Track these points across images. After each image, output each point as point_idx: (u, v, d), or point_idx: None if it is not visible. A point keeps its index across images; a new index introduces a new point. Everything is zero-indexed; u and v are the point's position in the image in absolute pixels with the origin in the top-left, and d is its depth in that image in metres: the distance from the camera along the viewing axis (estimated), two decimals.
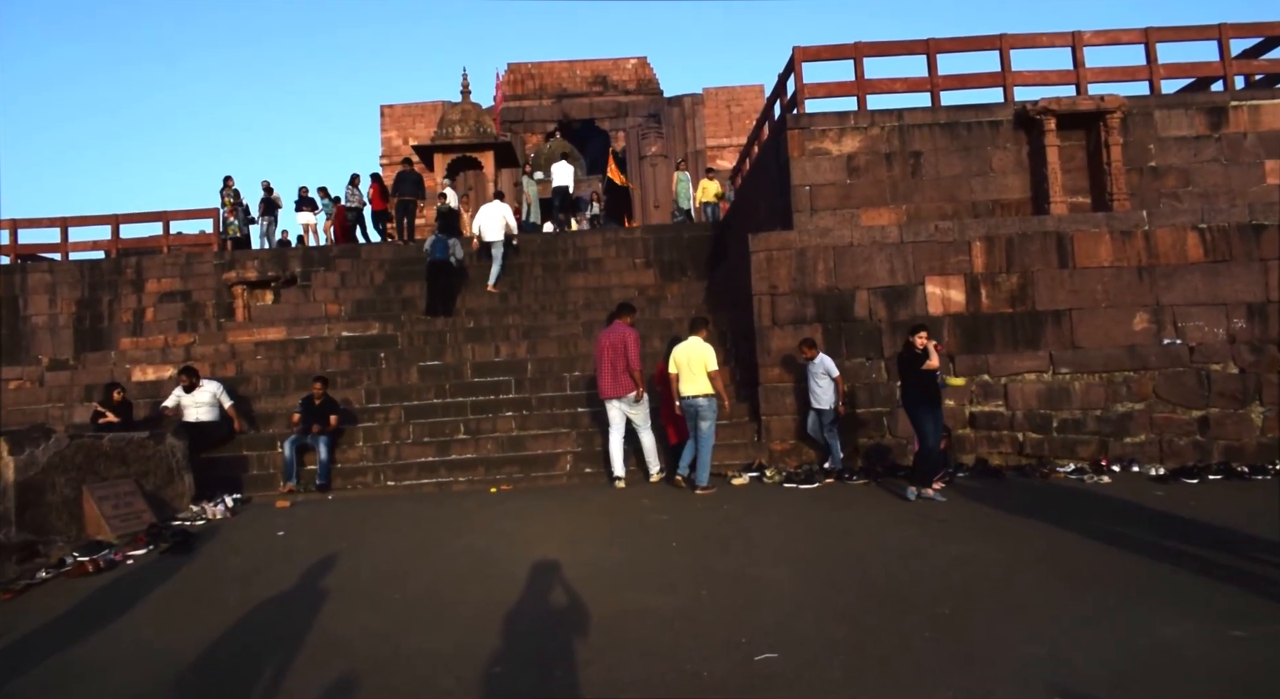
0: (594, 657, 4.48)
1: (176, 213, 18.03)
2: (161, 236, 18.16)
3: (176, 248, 17.75)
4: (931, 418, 8.15)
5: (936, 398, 8.28)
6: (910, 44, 12.20)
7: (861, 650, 4.43)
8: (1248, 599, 4.92)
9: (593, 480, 9.78)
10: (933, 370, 8.19)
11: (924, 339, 8.19)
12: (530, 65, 31.98)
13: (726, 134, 31.03)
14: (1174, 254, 10.22)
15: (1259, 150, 11.54)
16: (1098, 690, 3.85)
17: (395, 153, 30.97)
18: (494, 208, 14.71)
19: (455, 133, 18.72)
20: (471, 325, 13.05)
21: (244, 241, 18.64)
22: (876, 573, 5.76)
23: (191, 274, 16.32)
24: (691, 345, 8.91)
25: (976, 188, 11.72)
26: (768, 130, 14.16)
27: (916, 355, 8.18)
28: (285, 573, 6.35)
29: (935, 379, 8.29)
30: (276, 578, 6.24)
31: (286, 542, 7.41)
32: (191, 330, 15.00)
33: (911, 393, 8.32)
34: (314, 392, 10.28)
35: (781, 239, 10.68)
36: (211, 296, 15.97)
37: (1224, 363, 9.77)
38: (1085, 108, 11.35)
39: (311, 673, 4.45)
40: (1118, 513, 7.25)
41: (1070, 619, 4.75)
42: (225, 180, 18.49)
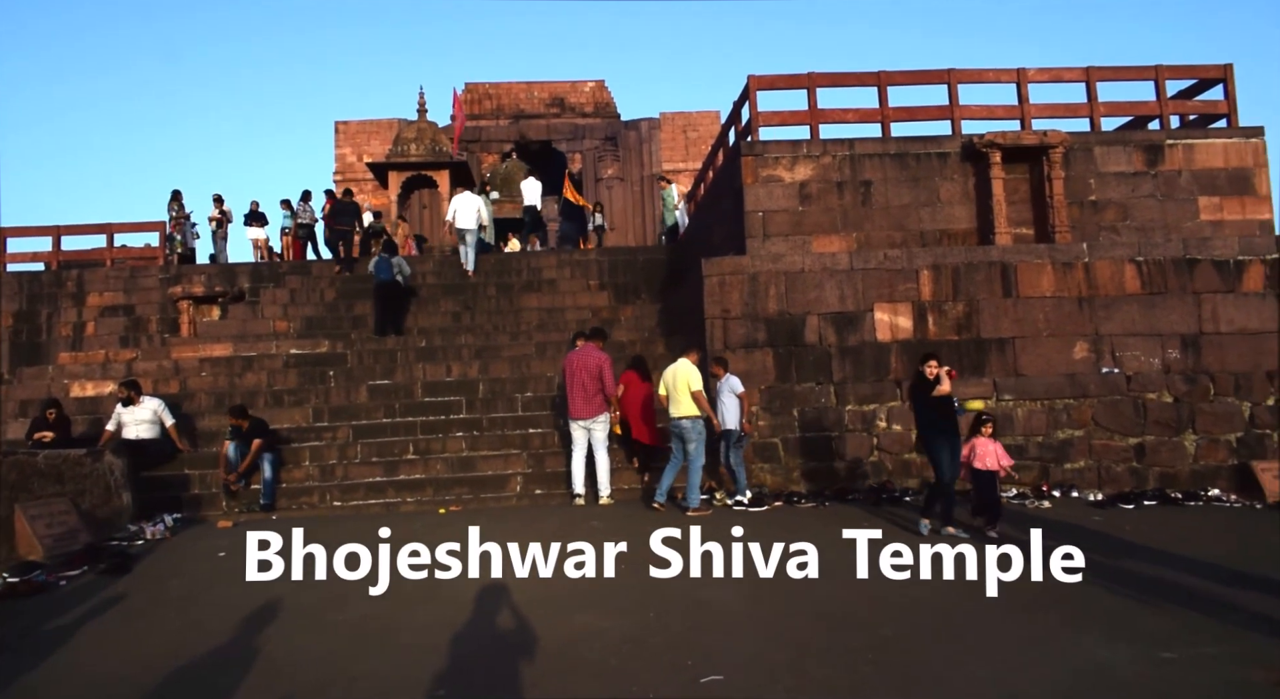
0: (540, 679, 4.47)
1: (121, 225, 17.63)
2: (105, 249, 17.75)
3: (120, 261, 17.36)
4: (948, 448, 7.78)
5: (953, 427, 7.90)
6: (862, 76, 12.47)
7: (806, 673, 4.47)
8: (1180, 621, 5.08)
9: (543, 501, 9.74)
10: (948, 397, 7.85)
11: (935, 367, 7.82)
12: (488, 85, 32.01)
13: (682, 158, 31.30)
14: (1112, 286, 10.54)
15: (1193, 187, 11.96)
16: None
17: (349, 169, 30.72)
18: (469, 198, 15.35)
19: (411, 151, 18.65)
20: (423, 344, 12.96)
21: (191, 256, 18.31)
22: (822, 596, 5.82)
23: (135, 288, 15.97)
24: (680, 367, 8.96)
25: (925, 217, 11.98)
26: (722, 156, 14.35)
27: (928, 383, 7.81)
28: (227, 595, 6.23)
29: (951, 406, 7.93)
30: (218, 600, 6.12)
31: (229, 563, 7.25)
32: (134, 346, 14.67)
33: (926, 422, 7.97)
34: (236, 425, 9.84)
35: (735, 264, 10.81)
36: (156, 311, 15.63)
37: (1159, 392, 10.09)
38: (1029, 142, 11.69)
39: (254, 698, 4.37)
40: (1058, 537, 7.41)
41: (1011, 641, 4.86)
42: (174, 193, 18.17)
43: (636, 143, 31.76)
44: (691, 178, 21.43)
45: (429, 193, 23.32)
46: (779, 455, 10.13)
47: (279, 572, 6.79)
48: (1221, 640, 4.74)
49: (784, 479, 9.97)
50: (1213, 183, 11.93)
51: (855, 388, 10.29)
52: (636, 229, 29.90)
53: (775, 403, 10.28)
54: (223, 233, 19.06)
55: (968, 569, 5.86)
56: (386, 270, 13.22)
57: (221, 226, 19.04)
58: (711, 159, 15.87)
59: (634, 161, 31.56)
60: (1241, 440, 9.90)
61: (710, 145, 19.82)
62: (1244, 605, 5.33)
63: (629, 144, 31.64)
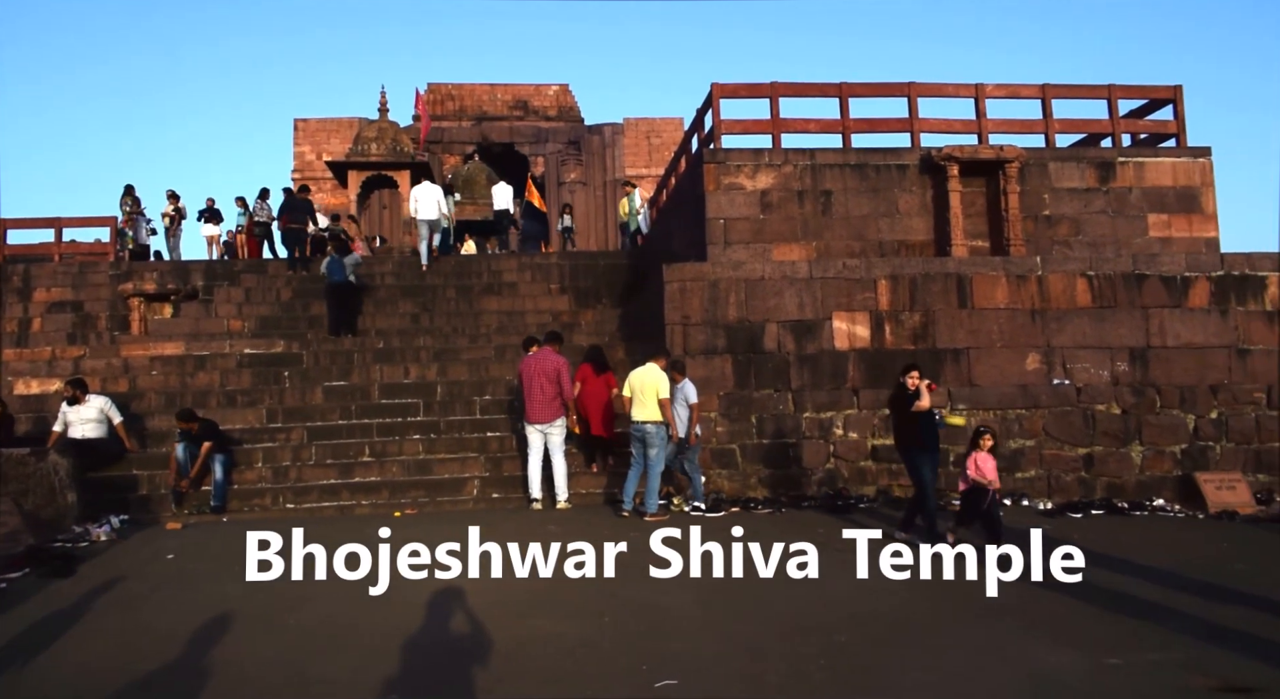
0: (494, 684, 4.45)
1: (70, 220, 17.26)
2: (53, 244, 17.35)
3: (69, 256, 16.98)
4: (929, 463, 7.71)
5: (933, 441, 7.81)
6: (824, 86, 12.62)
7: (760, 678, 4.50)
8: (1125, 627, 5.19)
9: (500, 505, 9.70)
10: (930, 411, 7.75)
11: (915, 379, 7.69)
12: (450, 86, 31.82)
13: (645, 164, 31.36)
14: (1064, 299, 10.76)
15: (1143, 204, 12.27)
16: None
17: (308, 168, 30.34)
18: (430, 188, 15.57)
19: (371, 150, 18.48)
20: (381, 346, 12.84)
21: (144, 253, 17.95)
22: (777, 601, 5.86)
23: (85, 284, 15.62)
24: (648, 372, 8.96)
25: (884, 228, 12.14)
26: (685, 163, 14.42)
27: (909, 396, 7.68)
28: (176, 598, 6.12)
29: (933, 420, 7.83)
30: (167, 603, 6.01)
31: (177, 565, 7.13)
32: (82, 343, 14.34)
33: (906, 436, 7.85)
34: (186, 428, 9.66)
35: (695, 270, 10.86)
36: (105, 308, 15.29)
37: (1108, 403, 10.31)
38: (986, 156, 11.91)
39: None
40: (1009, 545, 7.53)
41: (962, 648, 4.93)
42: (126, 188, 17.81)
43: (600, 147, 31.77)
44: (654, 184, 21.49)
45: (389, 193, 23.12)
46: (737, 461, 10.19)
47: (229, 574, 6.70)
48: (1165, 647, 4.85)
49: (741, 485, 10.03)
50: (1162, 200, 12.26)
51: (813, 395, 10.38)
52: (599, 234, 29.90)
53: (734, 409, 10.34)
54: (176, 229, 18.72)
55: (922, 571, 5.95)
56: (339, 271, 13.06)
57: (175, 223, 18.71)
58: (674, 165, 15.95)
59: (597, 166, 31.57)
60: (1186, 452, 10.16)
61: (673, 151, 19.90)
62: (1186, 612, 5.47)
63: (592, 149, 31.65)
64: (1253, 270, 10.88)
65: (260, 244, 18.50)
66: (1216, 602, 5.73)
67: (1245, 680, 4.30)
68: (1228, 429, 10.22)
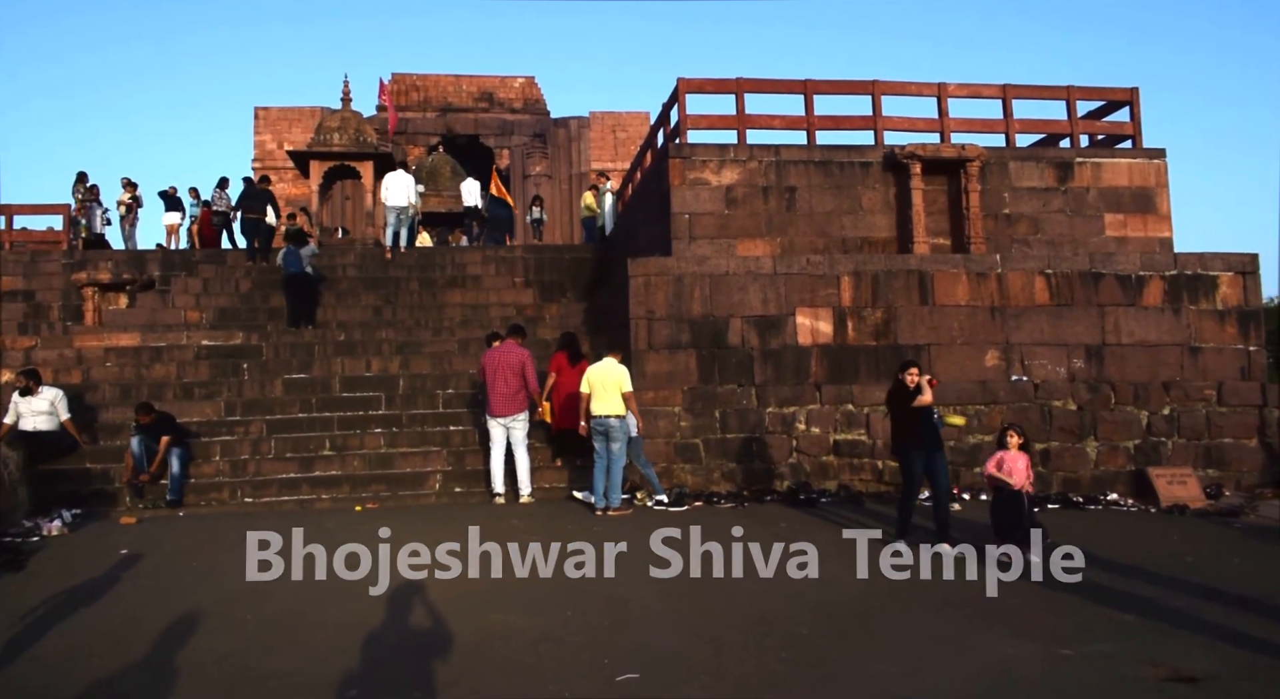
0: (456, 678, 4.42)
1: (21, 207, 16.90)
2: (3, 232, 16.95)
3: (21, 244, 16.59)
4: (938, 460, 7.36)
5: (935, 440, 7.45)
6: (789, 83, 12.67)
7: (722, 671, 4.52)
8: (1079, 618, 5.29)
9: (463, 500, 9.64)
10: (928, 408, 7.37)
11: (915, 375, 7.34)
12: (415, 77, 31.50)
13: (611, 158, 31.31)
14: (1023, 297, 10.92)
15: (1100, 204, 12.48)
16: None
17: (269, 157, 29.92)
18: (401, 176, 15.94)
19: (334, 140, 18.21)
20: (342, 338, 12.69)
21: (99, 242, 17.57)
22: (740, 595, 5.89)
23: (36, 273, 15.26)
24: (607, 366, 8.95)
25: (847, 224, 12.22)
26: (650, 158, 14.40)
27: (908, 392, 7.31)
28: (129, 593, 6.01)
29: (932, 418, 7.44)
30: (119, 598, 5.90)
31: (131, 560, 7.00)
32: (34, 333, 14.01)
33: (905, 435, 7.43)
34: (141, 422, 9.48)
35: (660, 265, 10.87)
36: (58, 298, 14.96)
37: (1064, 399, 10.49)
38: (948, 155, 12.03)
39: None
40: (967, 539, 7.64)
41: (919, 640, 4.99)
42: (79, 175, 17.42)
43: (565, 141, 31.66)
44: (620, 178, 21.45)
45: (352, 184, 22.84)
46: (700, 456, 10.22)
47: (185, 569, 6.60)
48: (1116, 637, 4.95)
49: (704, 479, 10.07)
50: (1118, 200, 12.47)
51: (776, 390, 10.44)
52: (564, 227, 29.80)
53: (698, 404, 10.37)
54: (132, 218, 18.34)
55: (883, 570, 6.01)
56: (295, 262, 12.89)
57: (131, 212, 18.33)
58: (640, 160, 15.92)
59: (562, 159, 31.46)
60: (1139, 447, 10.36)
61: (639, 146, 19.89)
62: (1138, 604, 5.58)
63: (558, 142, 31.52)
64: (1205, 270, 11.13)
65: (218, 234, 18.19)
66: (1167, 593, 5.86)
67: (1194, 670, 4.40)
68: (1179, 425, 10.44)
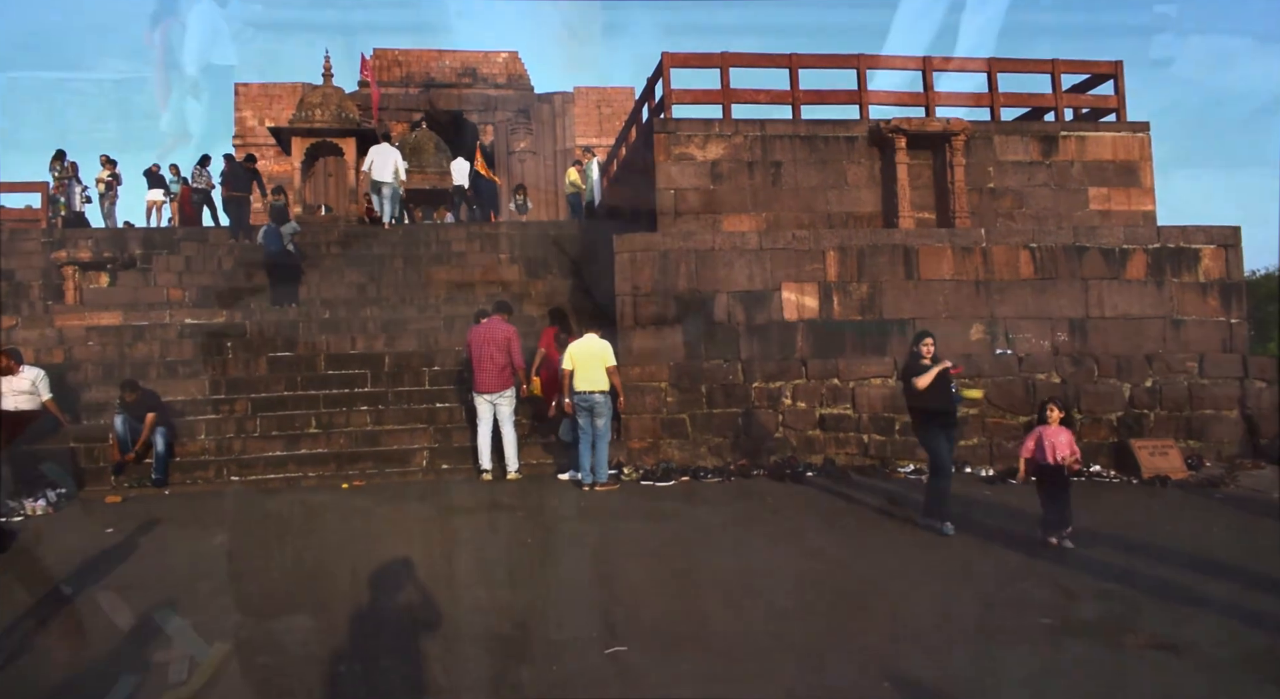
0: (441, 653, 4.44)
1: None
2: None
3: None
4: (945, 436, 7.15)
5: (954, 413, 7.25)
6: (774, 57, 12.59)
7: (709, 643, 4.56)
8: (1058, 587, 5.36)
9: (449, 476, 9.64)
10: (945, 379, 7.07)
11: (930, 346, 7.15)
12: (397, 52, 31.13)
13: (596, 134, 31.08)
14: (1008, 270, 10.95)
15: (1084, 178, 12.49)
16: (944, 685, 4.11)
17: (250, 133, 29.55)
18: (387, 149, 15.93)
19: (316, 116, 18.02)
20: (327, 316, 12.62)
21: (78, 220, 17.36)
22: (726, 567, 5.93)
23: (15, 252, 15.07)
24: (589, 342, 8.94)
25: (832, 199, 12.20)
26: (636, 133, 14.32)
27: (923, 367, 7.09)
28: (115, 573, 5.99)
29: (949, 389, 7.12)
30: (105, 578, 5.88)
31: (116, 540, 6.98)
32: (14, 313, 13.85)
33: (928, 408, 7.16)
34: (126, 399, 9.44)
35: (646, 241, 10.83)
36: (38, 277, 14.78)
37: (1048, 373, 10.54)
38: (933, 129, 12.01)
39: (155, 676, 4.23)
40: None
41: (910, 611, 5.04)
42: (57, 153, 17.18)
43: (550, 116, 31.41)
44: (605, 154, 21.33)
45: (335, 160, 22.60)
46: (687, 431, 10.24)
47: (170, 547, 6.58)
48: (1097, 605, 5.02)
49: (691, 455, 10.09)
50: (1102, 174, 12.49)
51: (762, 365, 10.46)
52: (550, 203, 29.61)
53: (684, 380, 10.37)
54: (112, 196, 18.12)
55: None
56: (276, 240, 12.80)
57: (111, 189, 18.11)
58: (625, 135, 15.83)
59: (547, 135, 31.23)
60: (1121, 420, 10.44)
61: (624, 121, 19.75)
62: (1119, 573, 5.66)
63: (542, 117, 31.27)
64: (1187, 243, 11.18)
65: (199, 212, 18.02)
66: (1148, 562, 5.93)
67: (1173, 637, 4.47)
68: (1161, 397, 10.52)
